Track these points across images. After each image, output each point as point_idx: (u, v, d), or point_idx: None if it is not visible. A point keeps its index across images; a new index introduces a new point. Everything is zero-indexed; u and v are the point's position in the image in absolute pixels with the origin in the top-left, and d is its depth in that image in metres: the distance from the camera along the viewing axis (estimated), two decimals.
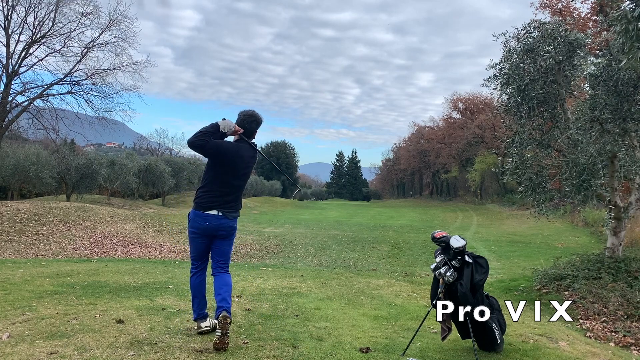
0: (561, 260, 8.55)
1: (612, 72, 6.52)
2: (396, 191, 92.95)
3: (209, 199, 3.74)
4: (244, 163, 3.82)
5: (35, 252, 13.38)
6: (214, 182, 3.76)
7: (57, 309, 4.56)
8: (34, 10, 23.24)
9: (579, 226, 21.53)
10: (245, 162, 3.84)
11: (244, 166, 3.84)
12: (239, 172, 3.80)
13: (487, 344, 3.89)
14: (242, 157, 3.81)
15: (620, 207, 7.38)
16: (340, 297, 5.96)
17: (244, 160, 3.82)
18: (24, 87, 24.33)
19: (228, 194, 3.78)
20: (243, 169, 3.83)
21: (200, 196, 3.78)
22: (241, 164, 3.81)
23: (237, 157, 3.78)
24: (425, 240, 17.07)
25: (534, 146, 7.51)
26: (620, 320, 5.84)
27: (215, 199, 3.74)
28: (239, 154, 3.79)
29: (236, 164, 3.77)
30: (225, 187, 3.76)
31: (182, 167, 42.29)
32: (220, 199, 3.75)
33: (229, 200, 3.79)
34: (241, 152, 3.81)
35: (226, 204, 3.77)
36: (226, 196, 3.77)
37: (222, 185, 3.76)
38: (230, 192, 3.79)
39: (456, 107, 58.01)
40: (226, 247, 3.88)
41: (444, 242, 3.74)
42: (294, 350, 3.61)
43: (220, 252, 3.86)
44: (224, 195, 3.76)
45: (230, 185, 3.78)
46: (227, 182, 3.76)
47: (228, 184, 3.77)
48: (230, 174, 3.76)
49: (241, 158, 3.80)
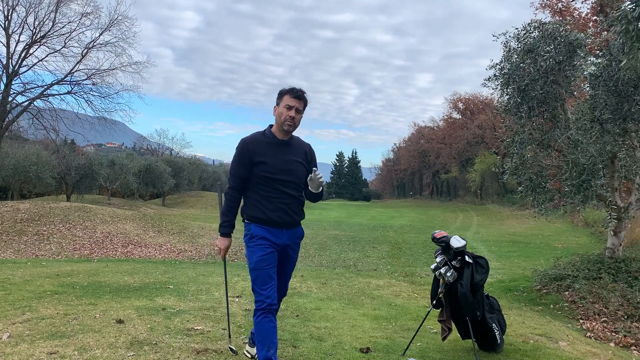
0: (561, 260, 8.55)
1: (613, 72, 6.51)
2: (396, 191, 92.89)
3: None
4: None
5: (35, 252, 13.38)
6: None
7: (57, 309, 4.55)
8: (34, 10, 23.27)
9: (579, 226, 21.51)
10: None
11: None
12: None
13: (487, 344, 3.89)
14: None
15: (620, 208, 7.37)
16: (341, 297, 5.96)
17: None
18: (24, 87, 24.37)
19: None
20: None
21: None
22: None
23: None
24: (426, 241, 17.06)
25: (534, 146, 7.51)
26: (621, 321, 5.84)
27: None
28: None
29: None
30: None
31: (182, 167, 42.29)
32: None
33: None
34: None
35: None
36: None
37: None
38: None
39: (456, 107, 57.97)
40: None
41: (444, 243, 3.74)
42: (294, 350, 3.61)
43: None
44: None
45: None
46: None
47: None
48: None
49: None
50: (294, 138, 3.14)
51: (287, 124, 3.00)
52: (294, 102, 2.99)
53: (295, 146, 3.12)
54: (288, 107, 2.98)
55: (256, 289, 2.95)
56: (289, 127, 3.01)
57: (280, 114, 3.00)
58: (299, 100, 3.01)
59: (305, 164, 3.11)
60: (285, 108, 2.98)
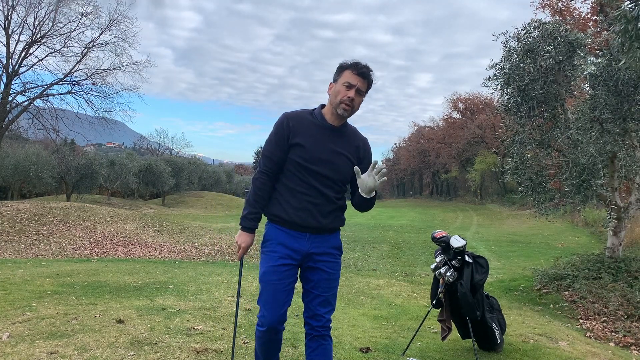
0: (561, 260, 8.56)
1: (612, 72, 6.51)
2: (396, 191, 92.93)
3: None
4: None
5: (35, 252, 13.38)
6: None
7: (57, 309, 4.55)
8: (34, 10, 23.29)
9: (579, 226, 21.50)
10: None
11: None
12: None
13: (487, 343, 3.90)
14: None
15: (620, 207, 7.38)
16: (340, 297, 5.96)
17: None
18: (24, 87, 24.39)
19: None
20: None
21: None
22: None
23: None
24: (425, 240, 17.06)
25: (534, 146, 7.51)
26: (620, 320, 5.85)
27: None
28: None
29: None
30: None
31: (182, 167, 42.29)
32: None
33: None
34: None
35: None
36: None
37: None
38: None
39: (456, 107, 57.98)
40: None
41: (444, 242, 3.74)
42: (294, 350, 3.61)
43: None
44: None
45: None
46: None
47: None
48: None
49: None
50: (348, 127, 2.51)
51: (343, 107, 2.37)
52: (356, 81, 2.36)
53: (348, 136, 2.50)
54: (348, 85, 2.35)
55: (260, 304, 2.40)
56: (345, 110, 2.38)
57: (337, 93, 2.38)
58: (362, 79, 2.37)
59: (353, 161, 2.48)
60: (345, 86, 2.36)
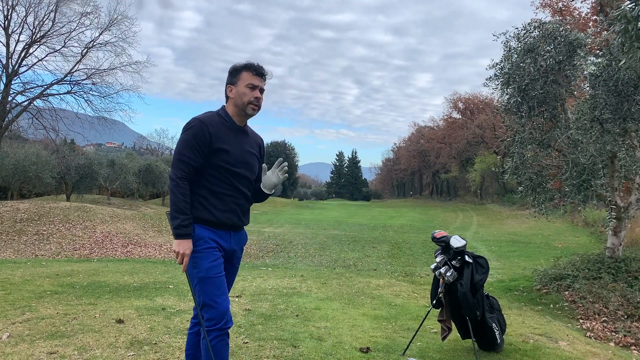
0: (561, 260, 8.56)
1: (612, 72, 6.51)
2: (396, 191, 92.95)
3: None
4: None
5: (35, 252, 13.38)
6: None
7: (57, 309, 4.55)
8: (34, 10, 23.23)
9: (579, 226, 21.51)
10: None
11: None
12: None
13: (487, 344, 3.89)
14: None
15: (620, 207, 7.38)
16: (340, 297, 5.95)
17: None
18: (24, 87, 24.33)
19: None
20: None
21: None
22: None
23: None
24: (425, 240, 17.06)
25: (534, 146, 7.51)
26: (621, 320, 5.85)
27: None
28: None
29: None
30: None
31: None
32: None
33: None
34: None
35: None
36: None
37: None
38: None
39: (456, 107, 58.00)
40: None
41: (444, 242, 3.74)
42: (294, 350, 3.61)
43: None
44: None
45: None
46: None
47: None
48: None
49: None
50: (247, 126, 2.61)
51: (252, 107, 2.47)
52: (258, 81, 2.47)
53: (251, 135, 2.62)
54: (252, 86, 2.45)
55: (210, 303, 2.34)
56: (254, 110, 2.48)
57: (242, 95, 2.45)
58: (261, 78, 2.49)
59: (259, 159, 2.64)
60: (249, 88, 2.45)
